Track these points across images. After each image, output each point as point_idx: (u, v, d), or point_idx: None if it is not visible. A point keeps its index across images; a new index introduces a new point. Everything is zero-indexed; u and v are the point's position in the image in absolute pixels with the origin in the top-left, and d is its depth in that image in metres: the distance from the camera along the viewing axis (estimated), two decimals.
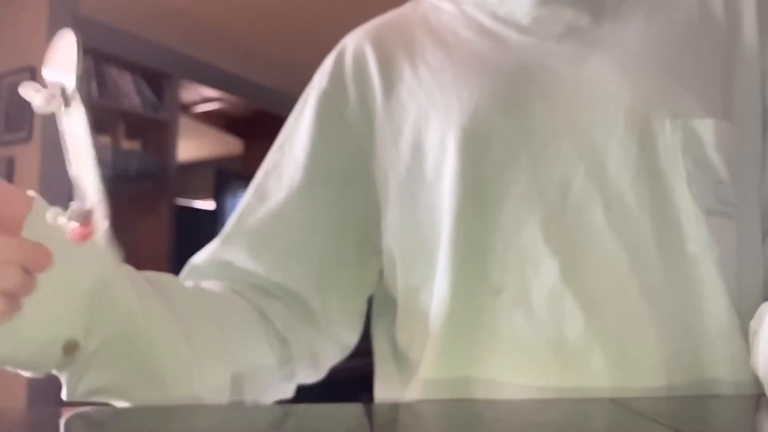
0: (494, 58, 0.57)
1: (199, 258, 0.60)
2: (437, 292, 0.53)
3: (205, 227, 3.56)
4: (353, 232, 0.60)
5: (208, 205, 3.85)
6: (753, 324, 0.48)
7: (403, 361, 0.58)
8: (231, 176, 3.79)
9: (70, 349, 0.43)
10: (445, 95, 0.56)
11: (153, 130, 3.12)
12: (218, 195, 3.65)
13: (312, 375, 0.60)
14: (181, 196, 3.44)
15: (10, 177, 2.50)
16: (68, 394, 0.46)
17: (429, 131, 0.55)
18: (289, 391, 0.59)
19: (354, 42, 0.63)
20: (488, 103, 0.54)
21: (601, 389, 0.47)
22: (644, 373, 0.47)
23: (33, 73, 2.45)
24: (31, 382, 2.37)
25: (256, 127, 4.12)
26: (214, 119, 4.09)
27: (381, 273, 0.61)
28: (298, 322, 0.58)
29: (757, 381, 0.46)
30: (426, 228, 0.55)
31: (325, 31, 3.22)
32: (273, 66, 3.57)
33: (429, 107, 0.56)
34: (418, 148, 0.56)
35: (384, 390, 0.61)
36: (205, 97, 3.69)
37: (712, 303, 0.49)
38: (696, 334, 0.49)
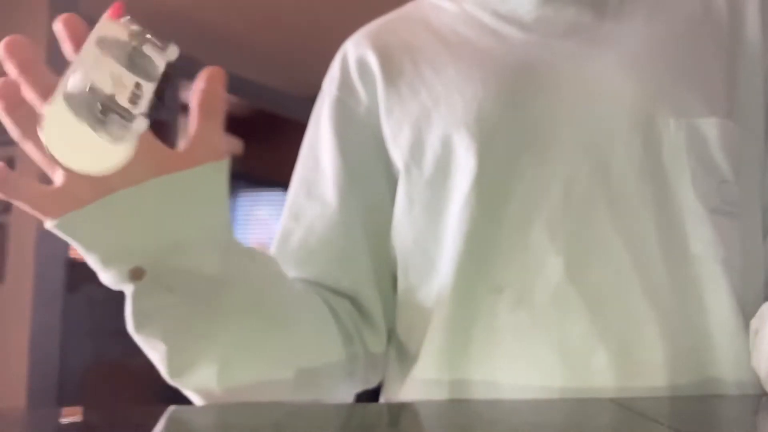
0: (497, 56, 0.56)
1: None
2: (438, 290, 0.53)
3: None
4: (387, 231, 0.60)
5: None
6: (754, 323, 0.48)
7: (403, 359, 0.58)
8: (231, 176, 3.79)
9: (137, 275, 0.43)
10: (447, 92, 0.56)
11: (153, 130, 3.11)
12: None
13: (371, 378, 0.60)
14: None
15: None
16: (135, 323, 0.44)
17: (430, 128, 0.55)
18: (350, 395, 0.58)
19: (355, 44, 0.63)
20: (491, 100, 0.54)
21: (603, 389, 0.47)
22: (648, 372, 0.47)
23: None
24: (31, 382, 2.37)
25: (256, 127, 4.12)
26: None
27: None
28: (360, 320, 0.58)
29: (760, 381, 0.46)
30: (423, 227, 0.55)
31: (326, 31, 3.23)
32: (273, 66, 3.57)
33: (431, 104, 0.56)
34: (417, 145, 0.56)
35: (387, 389, 0.61)
36: None
37: (716, 302, 0.49)
38: (700, 334, 0.49)
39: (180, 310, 0.45)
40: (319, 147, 0.62)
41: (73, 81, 0.33)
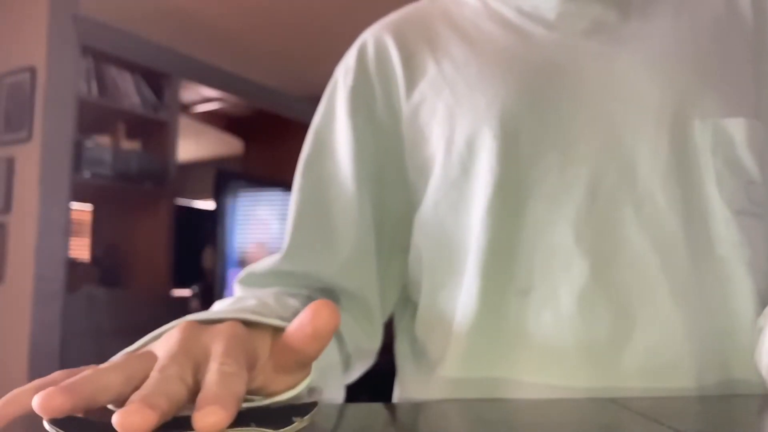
0: (520, 54, 0.55)
1: (260, 267, 0.59)
2: (465, 291, 0.52)
3: (205, 227, 3.56)
4: (389, 230, 0.60)
5: (208, 205, 3.85)
6: (761, 321, 0.48)
7: (420, 359, 0.58)
8: (231, 176, 3.79)
9: None
10: (470, 91, 0.55)
11: (153, 130, 3.12)
12: (218, 195, 3.65)
13: (358, 372, 0.60)
14: (181, 196, 3.44)
15: (10, 177, 2.50)
16: None
17: (454, 129, 0.54)
18: (342, 390, 0.58)
19: (374, 36, 0.62)
20: (515, 99, 0.53)
21: (629, 390, 0.47)
22: (674, 374, 0.47)
23: (33, 73, 2.45)
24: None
25: (256, 127, 4.13)
26: (214, 119, 4.09)
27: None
28: (352, 322, 0.58)
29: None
30: (450, 227, 0.55)
31: (326, 31, 3.23)
32: (273, 66, 3.57)
33: (454, 104, 0.55)
34: (443, 147, 0.55)
35: (403, 389, 0.61)
36: (205, 97, 3.69)
37: (742, 304, 0.49)
38: (726, 335, 0.49)
39: None
40: (336, 137, 0.60)
41: None
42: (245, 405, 0.31)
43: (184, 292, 3.37)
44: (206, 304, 3.23)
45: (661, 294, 0.48)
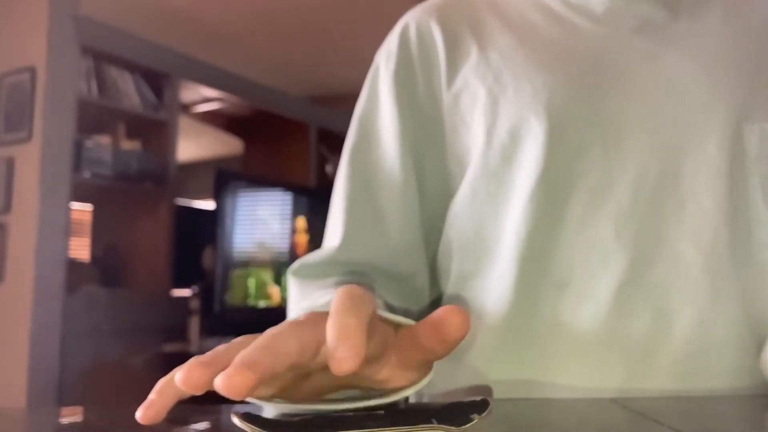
0: (567, 46, 0.55)
1: (314, 258, 0.59)
2: (498, 281, 0.52)
3: (205, 227, 3.56)
4: (429, 216, 0.60)
5: (208, 205, 3.85)
6: None
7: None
8: (231, 176, 3.79)
9: None
10: (516, 79, 0.54)
11: (153, 130, 3.11)
12: (218, 195, 3.65)
13: None
14: (181, 196, 3.44)
15: (10, 177, 2.49)
16: None
17: (498, 116, 0.54)
18: None
19: (417, 19, 0.61)
20: (562, 90, 0.52)
21: (664, 391, 0.47)
22: (710, 375, 0.47)
23: (33, 73, 2.45)
24: (31, 382, 2.37)
25: (256, 127, 4.12)
26: (214, 119, 4.09)
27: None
28: (401, 303, 0.58)
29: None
30: (485, 217, 0.54)
31: (326, 31, 3.22)
32: (273, 66, 3.57)
33: (498, 91, 0.54)
34: (484, 135, 0.54)
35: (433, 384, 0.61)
36: (205, 97, 3.69)
37: None
38: (762, 339, 0.48)
39: None
40: (379, 126, 0.60)
41: None
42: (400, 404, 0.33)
43: (184, 292, 3.36)
44: (206, 304, 3.22)
45: (701, 295, 0.48)
